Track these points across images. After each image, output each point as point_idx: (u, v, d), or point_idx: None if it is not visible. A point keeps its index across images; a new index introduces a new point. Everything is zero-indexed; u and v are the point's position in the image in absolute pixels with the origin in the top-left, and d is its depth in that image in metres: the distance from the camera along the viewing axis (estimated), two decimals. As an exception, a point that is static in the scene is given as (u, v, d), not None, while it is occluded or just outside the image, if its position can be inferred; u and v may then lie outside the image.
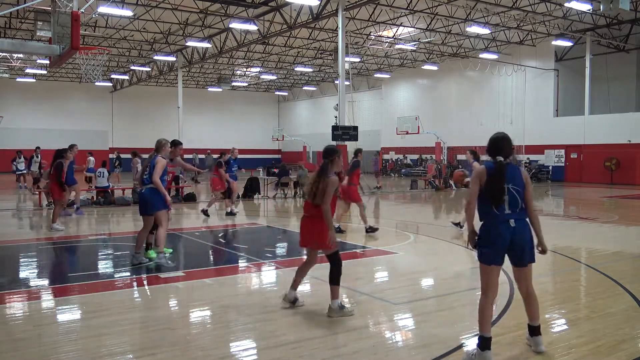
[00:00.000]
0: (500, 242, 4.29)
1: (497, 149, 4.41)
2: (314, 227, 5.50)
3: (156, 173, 7.57)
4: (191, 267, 8.27)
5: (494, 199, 4.29)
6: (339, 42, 21.27)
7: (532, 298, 4.52)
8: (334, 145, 5.77)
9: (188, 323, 5.46)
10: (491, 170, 4.34)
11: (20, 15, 23.14)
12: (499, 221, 4.31)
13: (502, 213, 4.31)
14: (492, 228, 4.32)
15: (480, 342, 4.30)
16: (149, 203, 7.68)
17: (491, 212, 4.32)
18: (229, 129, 49.27)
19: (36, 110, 42.08)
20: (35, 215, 14.92)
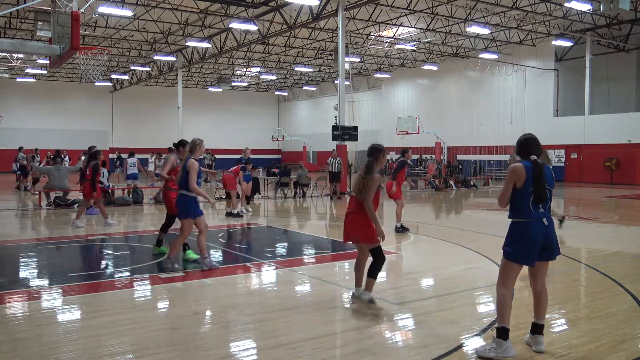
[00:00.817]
0: (537, 242, 4.35)
1: (529, 149, 4.44)
2: (357, 222, 5.66)
3: (192, 179, 7.18)
4: (191, 267, 8.26)
5: (539, 198, 4.32)
6: (339, 42, 21.27)
7: (544, 295, 4.58)
8: (379, 144, 5.91)
9: (188, 323, 5.46)
10: (531, 170, 4.33)
11: (20, 15, 23.14)
12: (536, 220, 4.36)
13: (537, 212, 4.37)
14: (530, 228, 4.34)
15: (501, 334, 4.34)
16: (179, 209, 7.47)
17: (527, 211, 4.35)
18: (229, 129, 49.28)
19: (36, 110, 42.09)
20: (35, 215, 14.92)
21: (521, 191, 4.35)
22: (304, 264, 8.48)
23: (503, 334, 4.33)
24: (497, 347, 4.32)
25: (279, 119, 54.38)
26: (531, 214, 4.35)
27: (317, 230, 12.27)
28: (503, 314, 4.38)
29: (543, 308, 4.55)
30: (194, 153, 7.44)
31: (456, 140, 33.13)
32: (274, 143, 49.76)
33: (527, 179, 4.32)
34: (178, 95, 35.21)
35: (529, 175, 4.32)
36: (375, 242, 5.65)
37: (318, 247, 10.23)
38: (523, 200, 4.36)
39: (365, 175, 5.62)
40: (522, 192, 4.35)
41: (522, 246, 4.36)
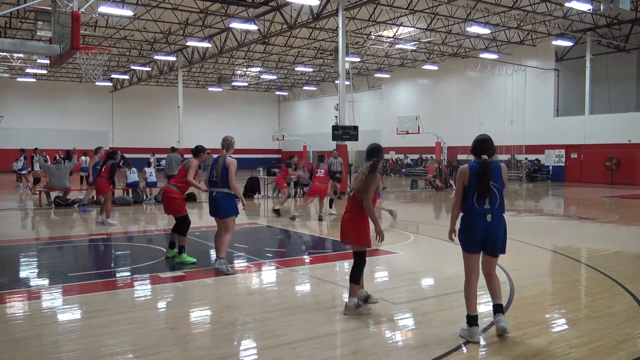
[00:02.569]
0: (476, 234, 4.79)
1: (481, 149, 4.84)
2: (350, 222, 5.64)
3: (231, 175, 7.15)
4: (191, 267, 8.27)
5: (481, 194, 4.73)
6: (339, 42, 21.27)
7: (494, 278, 4.98)
8: (378, 143, 5.90)
9: (188, 323, 5.46)
10: (477, 168, 4.75)
11: (21, 15, 23.15)
12: (477, 215, 4.78)
13: (482, 207, 4.77)
14: (471, 221, 4.80)
15: (468, 320, 4.79)
16: (224, 208, 7.33)
17: (472, 206, 4.77)
18: (229, 128, 49.11)
19: (36, 110, 42.09)
20: (35, 215, 14.93)
21: (468, 188, 4.80)
22: (304, 264, 8.47)
23: (469, 321, 4.77)
24: (465, 331, 4.79)
25: (279, 118, 54.37)
26: (474, 209, 4.77)
27: (317, 230, 12.27)
28: (466, 302, 4.86)
29: (495, 289, 4.95)
30: (229, 150, 7.39)
31: (456, 140, 33.10)
32: (274, 143, 49.75)
33: (471, 178, 4.74)
34: (178, 95, 35.21)
35: (473, 174, 4.74)
36: (363, 244, 5.62)
37: (318, 247, 10.23)
38: (469, 197, 4.80)
39: (369, 174, 5.55)
40: (469, 189, 4.79)
41: (466, 237, 4.84)
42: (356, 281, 5.58)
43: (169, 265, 8.05)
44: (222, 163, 7.25)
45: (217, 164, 7.31)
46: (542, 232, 11.59)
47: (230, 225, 7.40)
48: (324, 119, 44.68)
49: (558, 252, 9.33)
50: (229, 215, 7.32)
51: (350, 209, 5.66)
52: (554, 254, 9.22)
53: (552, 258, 8.98)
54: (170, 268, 7.94)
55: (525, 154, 31.14)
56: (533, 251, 9.25)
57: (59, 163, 17.08)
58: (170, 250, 8.36)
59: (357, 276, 5.59)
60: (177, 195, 8.19)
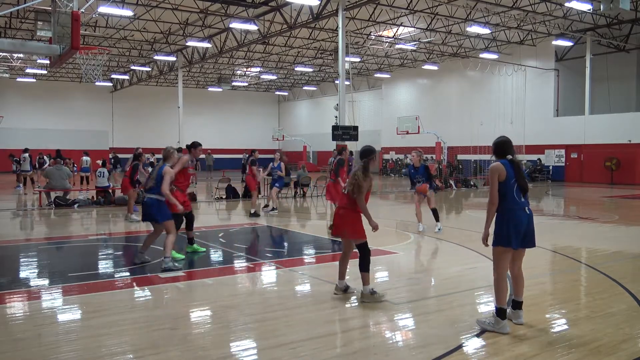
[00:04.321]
0: (521, 227, 4.95)
1: (505, 149, 5.09)
2: (346, 217, 5.99)
3: (165, 183, 7.48)
4: (191, 267, 8.27)
5: (522, 188, 4.97)
6: (339, 42, 21.26)
7: (521, 278, 5.23)
8: (371, 145, 6.31)
9: (188, 323, 5.46)
10: (510, 166, 4.97)
11: (21, 15, 23.15)
12: (520, 209, 4.98)
13: (522, 201, 5.00)
14: (515, 215, 4.93)
15: (499, 313, 4.96)
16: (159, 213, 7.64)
17: (514, 200, 4.95)
18: (229, 129, 49.30)
19: (36, 110, 42.09)
20: (35, 215, 14.93)
21: (505, 184, 4.94)
22: (304, 264, 8.48)
23: (500, 314, 4.94)
24: (495, 324, 4.94)
25: (279, 119, 54.37)
26: (517, 203, 4.97)
27: (317, 230, 12.26)
28: (499, 296, 4.99)
29: (521, 288, 5.20)
30: (167, 160, 7.79)
31: (456, 140, 33.12)
32: (274, 143, 49.74)
33: (509, 174, 4.93)
34: (178, 95, 35.20)
35: (509, 170, 4.94)
36: (361, 237, 5.98)
37: (318, 247, 10.23)
38: (509, 193, 4.95)
39: (363, 175, 5.90)
40: (506, 185, 4.93)
41: (511, 231, 4.93)
42: (367, 269, 5.94)
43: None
44: (157, 171, 7.69)
45: (153, 174, 7.76)
46: (542, 232, 11.53)
47: (170, 226, 7.71)
48: (324, 119, 44.69)
49: (558, 252, 9.33)
50: (167, 218, 7.67)
51: (345, 205, 6.02)
52: (554, 254, 9.21)
53: (552, 258, 8.98)
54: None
55: (526, 154, 31.13)
56: (533, 251, 9.14)
57: (58, 164, 17.05)
58: (190, 246, 8.94)
59: (366, 265, 5.94)
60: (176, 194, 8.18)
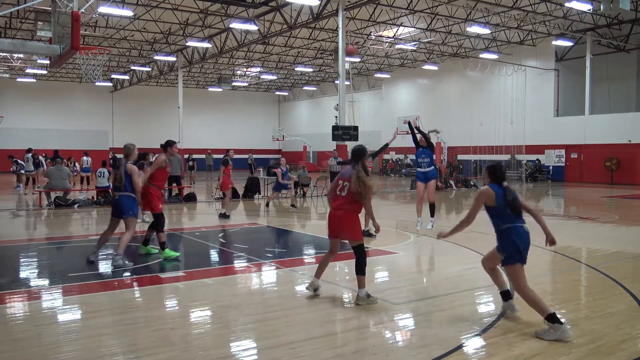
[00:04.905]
0: (528, 243, 5.27)
1: (500, 175, 5.27)
2: (345, 219, 5.95)
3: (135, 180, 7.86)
4: (191, 267, 8.27)
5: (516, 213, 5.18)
6: (339, 42, 21.26)
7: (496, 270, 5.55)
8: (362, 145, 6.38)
9: (188, 323, 5.46)
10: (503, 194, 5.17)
11: (21, 15, 23.14)
12: (521, 226, 5.22)
13: (520, 219, 5.24)
14: (520, 231, 5.20)
15: (552, 319, 4.88)
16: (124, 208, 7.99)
17: (512, 220, 5.18)
18: (229, 129, 49.26)
19: (36, 110, 42.08)
20: (35, 215, 14.92)
21: (496, 209, 5.16)
22: (304, 264, 8.47)
23: (554, 320, 4.85)
24: (555, 331, 4.81)
25: (279, 119, 54.36)
26: (514, 219, 5.17)
27: (317, 230, 12.26)
28: (541, 307, 4.98)
29: (501, 277, 5.53)
30: (129, 158, 8.04)
31: (456, 140, 33.11)
32: (274, 143, 49.75)
33: (499, 201, 5.13)
34: (178, 95, 35.20)
35: (501, 197, 5.14)
36: (360, 239, 6.02)
37: (318, 247, 10.22)
38: (504, 214, 5.16)
39: (366, 176, 5.88)
40: (500, 209, 5.14)
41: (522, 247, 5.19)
42: (363, 272, 5.93)
43: (165, 265, 8.06)
44: (123, 171, 7.90)
45: (119, 171, 7.98)
46: (542, 232, 11.56)
47: (131, 224, 7.97)
48: (324, 119, 44.67)
49: (558, 252, 9.32)
50: (130, 215, 7.96)
51: (343, 206, 5.95)
52: (554, 254, 9.21)
53: (552, 258, 8.97)
54: (170, 268, 7.94)
55: (526, 154, 31.12)
56: (533, 251, 9.14)
57: (58, 164, 17.04)
58: (144, 247, 8.76)
59: (363, 268, 5.93)
60: (154, 192, 8.52)
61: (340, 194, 5.99)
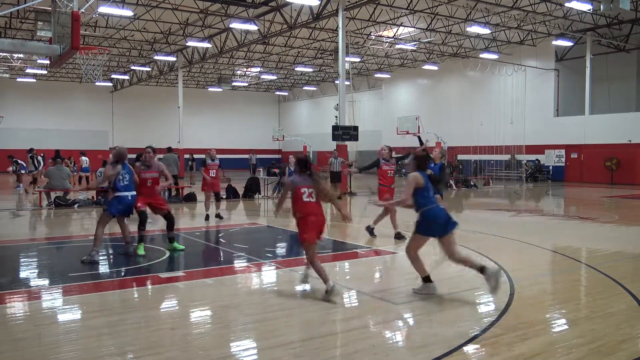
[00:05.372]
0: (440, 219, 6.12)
1: (426, 164, 6.50)
2: (322, 223, 6.41)
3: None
4: (191, 267, 8.28)
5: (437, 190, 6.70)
6: (339, 42, 21.27)
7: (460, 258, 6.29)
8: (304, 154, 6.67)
9: (188, 323, 5.46)
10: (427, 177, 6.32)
11: (21, 15, 23.14)
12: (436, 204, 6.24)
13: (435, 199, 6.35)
14: (436, 210, 6.15)
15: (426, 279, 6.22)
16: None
17: (430, 200, 6.19)
18: (229, 129, 49.24)
19: (36, 110, 42.07)
20: (35, 215, 14.92)
21: (423, 189, 6.16)
22: (304, 264, 8.46)
23: (428, 280, 6.19)
24: (426, 289, 6.17)
25: (279, 119, 54.34)
26: (433, 201, 6.22)
27: (317, 230, 12.25)
28: (421, 269, 6.26)
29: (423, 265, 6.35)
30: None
31: (456, 140, 33.08)
32: (274, 143, 49.69)
33: (426, 182, 6.19)
34: (178, 95, 35.19)
35: (426, 180, 6.22)
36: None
37: (318, 247, 10.19)
38: (426, 193, 6.18)
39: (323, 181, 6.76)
40: (424, 190, 6.17)
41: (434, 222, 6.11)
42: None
43: (169, 265, 8.06)
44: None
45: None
46: (542, 232, 11.59)
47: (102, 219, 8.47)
48: (324, 119, 44.65)
49: (558, 252, 9.33)
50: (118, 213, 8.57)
51: (320, 211, 6.32)
52: (554, 254, 9.21)
53: (552, 258, 8.98)
54: (170, 268, 7.94)
55: (526, 154, 31.13)
56: (533, 251, 9.25)
57: (58, 164, 17.04)
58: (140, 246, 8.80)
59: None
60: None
61: (310, 200, 6.21)
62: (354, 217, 13.51)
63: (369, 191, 22.83)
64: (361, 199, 20.04)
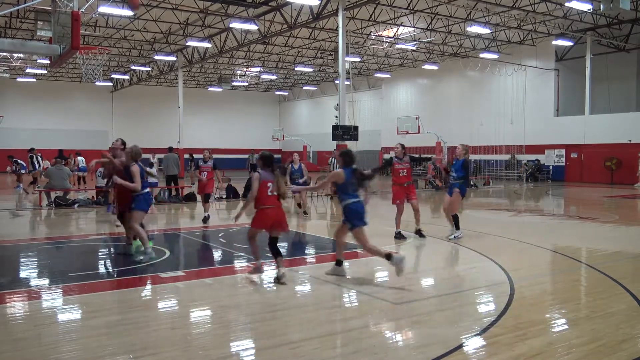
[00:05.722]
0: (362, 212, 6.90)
1: (351, 160, 7.00)
2: (283, 214, 7.07)
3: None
4: (191, 267, 8.28)
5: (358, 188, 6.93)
6: (339, 41, 21.26)
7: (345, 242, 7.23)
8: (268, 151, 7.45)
9: (188, 323, 5.46)
10: (352, 173, 6.90)
11: (21, 15, 23.14)
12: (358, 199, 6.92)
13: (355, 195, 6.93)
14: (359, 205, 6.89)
15: (389, 257, 6.71)
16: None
17: (353, 195, 6.88)
18: (229, 128, 49.25)
19: (36, 110, 42.07)
20: (35, 215, 14.93)
21: (345, 184, 6.84)
22: (304, 263, 8.47)
23: (391, 257, 6.68)
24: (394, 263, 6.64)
25: (279, 118, 54.35)
26: (356, 196, 6.89)
27: (317, 230, 12.27)
28: (379, 252, 6.87)
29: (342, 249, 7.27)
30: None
31: (456, 140, 32.81)
32: (274, 143, 49.73)
33: (348, 179, 6.84)
34: (178, 95, 35.18)
35: (349, 177, 6.85)
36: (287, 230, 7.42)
37: (318, 247, 10.23)
38: (349, 189, 6.85)
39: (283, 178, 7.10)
40: (346, 185, 6.84)
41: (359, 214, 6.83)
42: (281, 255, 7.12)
43: (169, 265, 8.06)
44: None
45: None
46: (542, 232, 11.59)
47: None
48: (324, 119, 44.65)
49: (558, 252, 9.33)
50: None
51: (278, 204, 7.00)
52: (554, 254, 9.21)
53: (552, 258, 8.98)
54: (170, 268, 7.94)
55: (526, 154, 31.12)
56: (533, 251, 9.25)
57: (59, 164, 17.04)
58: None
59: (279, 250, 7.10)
60: None
61: (272, 194, 6.89)
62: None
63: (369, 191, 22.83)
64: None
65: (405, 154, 10.57)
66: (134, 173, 8.19)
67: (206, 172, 13.14)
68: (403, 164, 10.45)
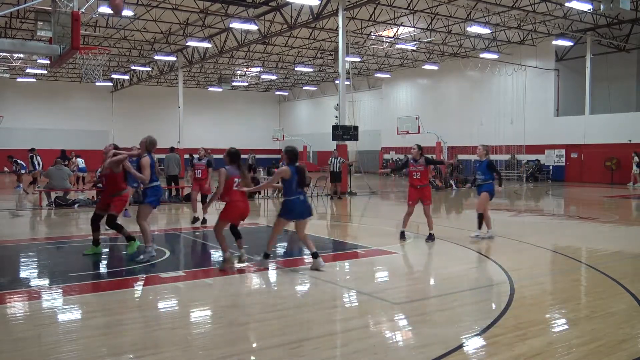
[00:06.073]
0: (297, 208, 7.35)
1: (295, 157, 7.44)
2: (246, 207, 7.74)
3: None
4: (191, 267, 8.28)
5: (301, 186, 7.35)
6: (339, 42, 21.26)
7: (307, 238, 7.58)
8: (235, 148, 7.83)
9: (188, 323, 5.46)
10: (296, 170, 7.31)
11: (21, 15, 23.14)
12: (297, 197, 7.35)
13: (299, 193, 7.38)
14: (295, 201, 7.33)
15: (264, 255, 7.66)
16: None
17: (295, 192, 7.32)
18: (229, 128, 49.23)
19: (36, 110, 42.06)
20: (35, 215, 14.92)
21: (289, 181, 7.26)
22: (304, 264, 8.47)
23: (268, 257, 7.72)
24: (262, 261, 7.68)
25: (279, 118, 54.35)
26: (296, 193, 7.33)
27: (318, 230, 12.25)
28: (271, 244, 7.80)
29: (310, 242, 7.56)
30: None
31: (456, 140, 33.11)
32: (274, 143, 49.74)
33: (293, 176, 7.24)
34: (178, 95, 35.18)
35: (294, 173, 7.25)
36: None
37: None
38: (292, 186, 7.28)
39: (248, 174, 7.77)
40: (290, 182, 7.26)
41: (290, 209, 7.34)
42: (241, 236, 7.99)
43: (169, 265, 8.06)
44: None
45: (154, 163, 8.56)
46: (542, 232, 11.59)
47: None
48: (324, 119, 44.66)
49: (558, 252, 9.33)
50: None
51: (244, 198, 7.64)
52: (554, 254, 9.21)
53: (552, 258, 8.98)
54: (170, 268, 7.94)
55: (526, 154, 31.13)
56: (533, 251, 9.25)
57: (59, 164, 17.04)
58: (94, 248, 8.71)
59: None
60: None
61: (238, 189, 7.48)
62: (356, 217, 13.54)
63: (369, 191, 22.85)
64: (360, 199, 20.05)
65: (422, 155, 10.34)
66: (144, 164, 8.10)
67: (200, 170, 13.17)
68: (417, 166, 10.27)
